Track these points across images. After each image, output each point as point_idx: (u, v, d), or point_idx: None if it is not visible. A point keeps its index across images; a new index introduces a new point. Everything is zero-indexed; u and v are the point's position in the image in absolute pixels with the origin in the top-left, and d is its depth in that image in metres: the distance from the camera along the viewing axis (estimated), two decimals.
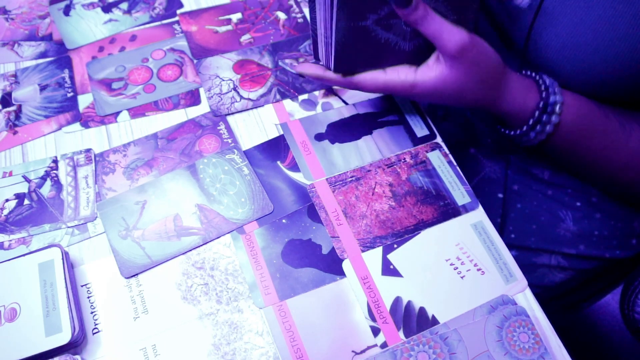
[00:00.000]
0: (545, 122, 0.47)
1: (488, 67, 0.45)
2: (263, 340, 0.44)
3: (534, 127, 0.47)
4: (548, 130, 0.47)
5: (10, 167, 0.54)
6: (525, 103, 0.47)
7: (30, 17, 0.67)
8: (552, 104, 0.46)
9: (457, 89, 0.45)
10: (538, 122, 0.47)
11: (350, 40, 0.46)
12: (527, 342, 0.42)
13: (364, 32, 0.46)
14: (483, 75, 0.45)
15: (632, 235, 0.62)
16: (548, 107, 0.46)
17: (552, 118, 0.46)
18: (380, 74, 0.48)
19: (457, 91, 0.46)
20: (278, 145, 0.55)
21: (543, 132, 0.47)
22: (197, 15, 0.66)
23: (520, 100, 0.47)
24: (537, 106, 0.47)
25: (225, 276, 0.47)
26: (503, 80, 0.46)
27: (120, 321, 0.45)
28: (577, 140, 0.48)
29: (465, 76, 0.45)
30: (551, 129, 0.47)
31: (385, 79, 0.47)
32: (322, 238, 0.49)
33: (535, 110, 0.47)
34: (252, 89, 0.59)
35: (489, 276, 0.47)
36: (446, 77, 0.45)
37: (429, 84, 0.46)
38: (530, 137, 0.48)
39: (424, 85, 0.46)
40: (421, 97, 0.47)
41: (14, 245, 0.49)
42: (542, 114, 0.47)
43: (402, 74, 0.47)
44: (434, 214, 0.50)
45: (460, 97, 0.46)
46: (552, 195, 0.63)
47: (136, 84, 0.60)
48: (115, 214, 0.50)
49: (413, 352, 0.42)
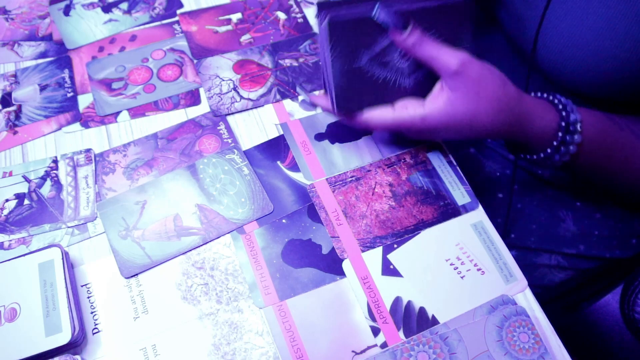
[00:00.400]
0: (569, 142, 0.45)
1: (493, 84, 0.43)
2: (263, 340, 0.44)
3: (558, 149, 0.45)
4: (572, 150, 0.45)
5: (10, 167, 0.54)
6: (545, 124, 0.45)
7: (30, 17, 0.67)
8: (574, 123, 0.44)
9: (467, 111, 0.43)
10: (562, 143, 0.45)
11: (347, 82, 0.46)
12: (527, 342, 0.42)
13: (360, 73, 0.45)
14: (491, 94, 0.43)
15: (632, 235, 0.62)
16: (570, 126, 0.44)
17: (575, 137, 0.44)
18: (388, 111, 0.46)
19: (469, 115, 0.43)
20: (278, 145, 0.55)
21: (567, 154, 0.45)
22: (197, 15, 0.66)
23: (540, 122, 0.45)
24: (558, 126, 0.45)
25: (225, 276, 0.47)
26: (518, 101, 0.44)
27: (120, 321, 0.45)
28: (598, 156, 0.47)
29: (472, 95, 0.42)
30: (575, 149, 0.45)
31: (393, 116, 0.45)
32: (322, 238, 0.49)
33: (558, 132, 0.45)
34: (252, 89, 0.59)
35: (489, 276, 0.47)
36: (454, 100, 0.43)
37: (437, 112, 0.44)
38: (554, 159, 0.46)
39: (434, 115, 0.44)
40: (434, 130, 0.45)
41: (14, 245, 0.49)
42: (566, 134, 0.45)
43: (410, 109, 0.45)
44: (434, 214, 0.50)
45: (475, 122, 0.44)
46: (552, 195, 0.63)
47: (136, 84, 0.60)
48: (115, 214, 0.50)
49: (413, 352, 0.42)
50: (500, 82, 0.43)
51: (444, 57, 0.42)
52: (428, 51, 0.42)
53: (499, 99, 0.43)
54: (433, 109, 0.44)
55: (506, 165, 0.66)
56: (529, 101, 0.45)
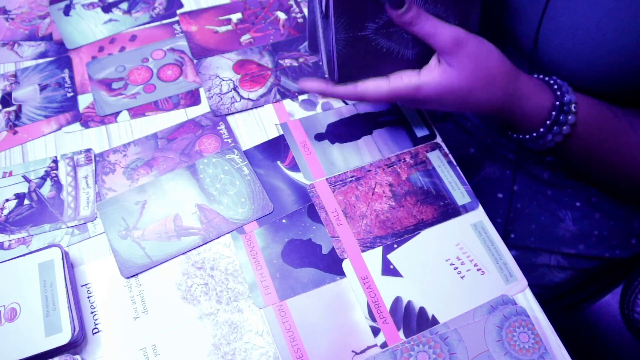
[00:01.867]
0: (562, 123, 0.45)
1: (490, 62, 0.44)
2: (263, 340, 0.44)
3: (550, 128, 0.46)
4: (565, 131, 0.45)
5: (10, 167, 0.54)
6: (539, 103, 0.45)
7: (30, 17, 0.67)
8: (568, 103, 0.45)
9: (463, 87, 0.44)
10: (555, 122, 0.45)
11: (351, 50, 0.45)
12: (527, 342, 0.42)
13: (364, 42, 0.45)
14: (489, 70, 0.43)
15: (631, 235, 0.62)
16: (564, 106, 0.45)
17: (569, 118, 0.45)
18: (384, 81, 0.46)
19: (465, 90, 0.44)
20: (278, 145, 0.55)
21: (560, 134, 0.46)
22: (197, 15, 0.66)
23: (535, 100, 0.45)
24: (552, 106, 0.45)
25: (225, 276, 0.47)
26: (513, 80, 0.45)
27: (120, 321, 0.45)
28: (591, 141, 0.47)
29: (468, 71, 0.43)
30: (568, 129, 0.45)
31: (389, 85, 0.46)
32: (322, 238, 0.49)
33: (552, 111, 0.45)
34: (252, 89, 0.59)
35: (489, 276, 0.47)
36: (450, 73, 0.43)
37: (433, 84, 0.44)
38: (547, 139, 0.47)
39: (429, 87, 0.44)
40: (428, 101, 0.46)
41: (14, 245, 0.49)
42: (559, 114, 0.45)
43: (405, 79, 0.45)
44: (434, 214, 0.50)
45: (470, 97, 0.45)
46: (552, 195, 0.63)
47: (136, 84, 0.60)
48: (115, 214, 0.50)
49: (413, 352, 0.42)
50: (496, 59, 0.44)
51: (440, 35, 0.42)
52: (425, 28, 0.43)
53: (494, 75, 0.44)
54: (428, 80, 0.44)
55: (506, 165, 0.66)
56: (525, 79, 0.46)
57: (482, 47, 0.44)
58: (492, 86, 0.44)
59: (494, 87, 0.44)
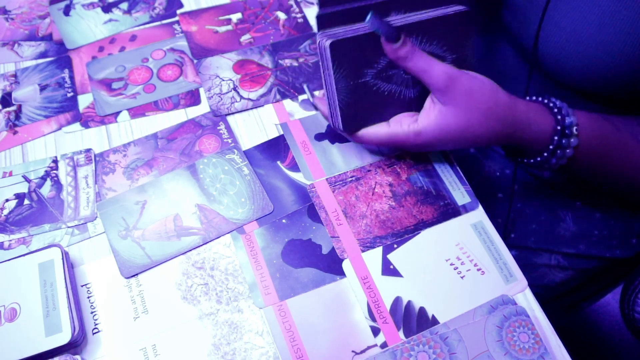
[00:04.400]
0: (565, 146, 0.45)
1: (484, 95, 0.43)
2: (263, 340, 0.44)
3: (554, 152, 0.45)
4: (568, 154, 0.45)
5: (10, 167, 0.54)
6: (540, 129, 0.45)
7: (30, 17, 0.67)
8: (569, 126, 0.44)
9: (460, 125, 0.43)
10: (558, 147, 0.45)
11: (353, 98, 0.45)
12: (527, 342, 0.42)
13: (365, 88, 0.45)
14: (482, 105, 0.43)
15: (632, 235, 0.62)
16: (566, 129, 0.44)
17: (572, 141, 0.45)
18: (383, 127, 0.46)
19: (463, 128, 0.43)
20: (278, 145, 0.55)
21: (564, 157, 0.45)
22: (197, 15, 0.66)
23: (535, 127, 0.45)
24: (554, 131, 0.45)
25: (225, 276, 0.47)
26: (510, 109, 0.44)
27: (120, 321, 0.45)
28: (595, 159, 0.47)
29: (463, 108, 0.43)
30: (571, 152, 0.45)
31: (388, 131, 0.46)
32: (322, 238, 0.49)
33: (554, 135, 0.45)
34: (252, 89, 0.59)
35: (489, 276, 0.47)
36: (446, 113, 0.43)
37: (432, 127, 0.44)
38: (551, 163, 0.46)
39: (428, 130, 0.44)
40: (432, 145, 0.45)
41: (14, 245, 0.49)
42: (562, 138, 0.45)
43: (404, 125, 0.45)
44: (434, 214, 0.50)
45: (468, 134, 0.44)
46: (552, 195, 0.63)
47: (136, 84, 0.60)
48: (115, 214, 0.50)
49: (413, 352, 0.42)
50: (490, 92, 0.43)
51: (433, 72, 0.42)
52: (418, 64, 0.43)
53: (489, 108, 0.43)
54: (427, 124, 0.44)
55: (506, 165, 0.66)
56: (523, 107, 0.45)
57: (475, 81, 0.43)
58: (490, 119, 0.44)
59: (491, 120, 0.44)
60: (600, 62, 0.47)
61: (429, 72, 0.42)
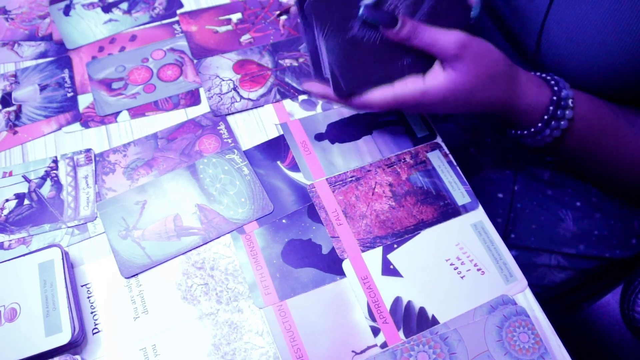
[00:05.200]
0: (559, 117, 0.45)
1: (493, 60, 0.44)
2: (263, 340, 0.44)
3: (548, 123, 0.46)
4: (563, 125, 0.45)
5: (10, 167, 0.54)
6: (538, 98, 0.46)
7: (30, 17, 0.67)
8: (565, 98, 0.45)
9: (467, 89, 0.44)
10: (553, 117, 0.45)
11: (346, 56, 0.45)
12: (527, 342, 0.42)
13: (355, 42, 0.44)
14: (490, 69, 0.44)
15: (632, 235, 0.62)
16: (562, 101, 0.45)
17: (567, 113, 0.45)
18: (389, 89, 0.46)
19: (470, 91, 0.44)
20: (278, 145, 0.55)
21: (558, 129, 0.46)
22: (197, 15, 0.66)
23: (533, 96, 0.46)
24: (550, 101, 0.45)
25: (225, 276, 0.47)
26: (512, 75, 0.45)
27: (120, 321, 0.45)
28: (589, 137, 0.47)
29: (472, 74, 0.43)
30: (566, 124, 0.45)
31: (394, 92, 0.45)
32: (322, 238, 0.49)
33: (549, 106, 0.45)
34: (252, 89, 0.59)
35: (489, 276, 0.47)
36: (454, 78, 0.43)
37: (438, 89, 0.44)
38: (545, 134, 0.47)
39: (435, 91, 0.44)
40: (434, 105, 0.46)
41: (14, 245, 0.49)
42: (557, 109, 0.45)
43: (410, 85, 0.45)
44: (434, 214, 0.50)
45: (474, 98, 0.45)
46: (552, 195, 0.63)
47: (136, 84, 0.60)
48: (115, 214, 0.50)
49: (413, 352, 0.42)
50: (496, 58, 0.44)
51: (441, 42, 0.42)
52: (424, 40, 0.43)
53: (495, 74, 0.44)
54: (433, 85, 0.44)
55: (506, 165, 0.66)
56: (523, 76, 0.46)
57: (484, 47, 0.44)
58: (494, 85, 0.44)
59: (495, 86, 0.44)
60: (601, 62, 0.47)
61: (437, 45, 0.43)
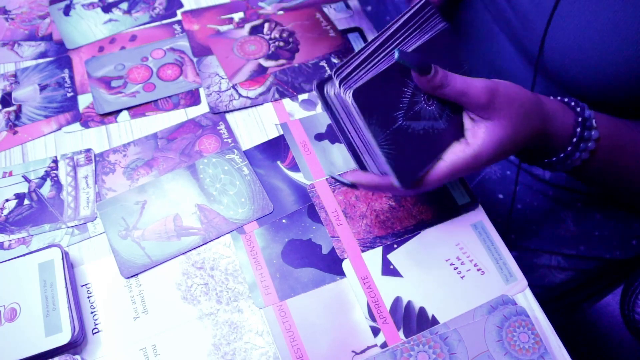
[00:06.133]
0: (587, 139, 0.45)
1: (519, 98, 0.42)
2: (263, 340, 0.44)
3: (577, 145, 0.45)
4: (590, 147, 0.45)
5: (10, 167, 0.54)
6: (564, 121, 0.45)
7: (30, 17, 0.67)
8: (589, 118, 0.44)
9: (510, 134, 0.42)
10: (581, 139, 0.45)
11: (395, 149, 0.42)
12: (527, 342, 0.42)
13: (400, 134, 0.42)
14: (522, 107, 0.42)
15: (632, 236, 0.62)
16: (586, 121, 0.44)
17: (592, 133, 0.44)
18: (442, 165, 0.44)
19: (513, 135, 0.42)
20: (278, 145, 0.55)
21: (586, 150, 0.45)
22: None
23: (559, 120, 0.45)
24: (576, 122, 0.45)
25: (225, 276, 0.47)
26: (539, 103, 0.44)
27: (120, 321, 0.45)
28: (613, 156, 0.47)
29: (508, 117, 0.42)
30: (593, 145, 0.45)
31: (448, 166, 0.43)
32: (322, 238, 0.49)
33: (576, 127, 0.45)
34: (250, 88, 0.59)
35: (489, 276, 0.47)
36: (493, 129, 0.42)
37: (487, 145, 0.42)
38: (574, 157, 0.46)
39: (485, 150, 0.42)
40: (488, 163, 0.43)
41: (14, 245, 0.49)
42: (584, 130, 0.44)
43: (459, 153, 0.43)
44: (434, 214, 0.50)
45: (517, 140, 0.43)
46: (553, 195, 0.63)
47: (136, 82, 0.60)
48: (115, 214, 0.50)
49: (413, 352, 0.42)
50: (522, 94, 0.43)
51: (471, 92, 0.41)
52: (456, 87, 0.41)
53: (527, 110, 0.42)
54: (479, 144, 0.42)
55: (507, 166, 0.66)
56: (547, 101, 0.45)
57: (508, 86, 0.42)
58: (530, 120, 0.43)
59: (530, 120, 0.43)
60: (602, 70, 0.47)
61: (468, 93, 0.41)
